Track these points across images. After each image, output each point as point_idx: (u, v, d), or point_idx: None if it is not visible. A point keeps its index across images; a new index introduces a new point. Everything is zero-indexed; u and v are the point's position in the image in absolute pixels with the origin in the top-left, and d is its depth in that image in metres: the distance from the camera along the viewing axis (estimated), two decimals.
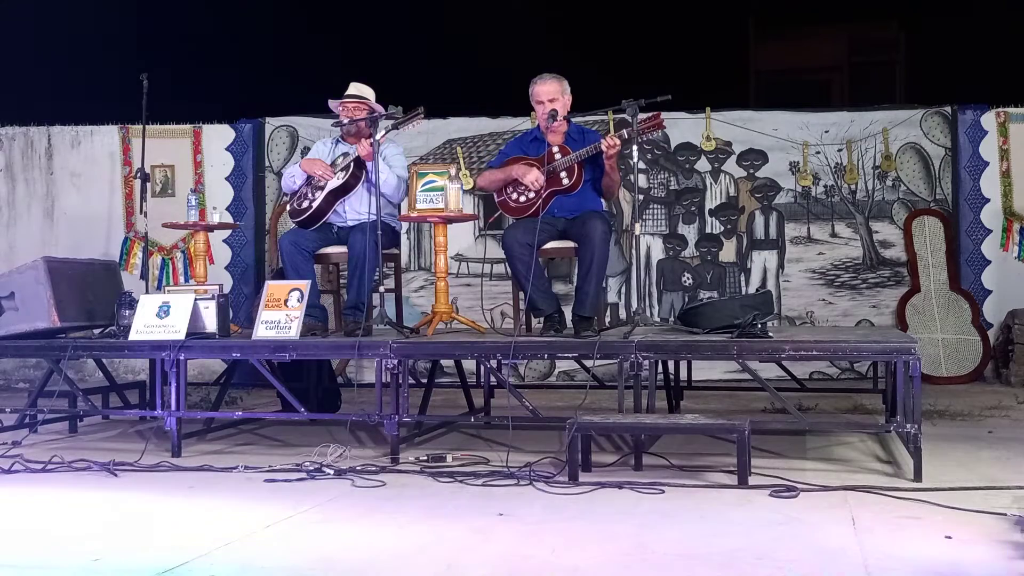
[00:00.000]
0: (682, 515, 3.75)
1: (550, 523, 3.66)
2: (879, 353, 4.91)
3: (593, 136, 5.75)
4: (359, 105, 5.93)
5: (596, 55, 14.95)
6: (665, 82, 6.25)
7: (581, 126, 5.90)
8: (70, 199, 8.88)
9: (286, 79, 12.24)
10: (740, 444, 4.19)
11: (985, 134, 8.15)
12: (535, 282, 5.35)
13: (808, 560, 3.14)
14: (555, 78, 5.64)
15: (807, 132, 8.34)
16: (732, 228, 8.40)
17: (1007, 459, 4.75)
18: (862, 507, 3.80)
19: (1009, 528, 3.44)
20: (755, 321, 4.82)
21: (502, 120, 8.54)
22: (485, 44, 14.80)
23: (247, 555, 3.31)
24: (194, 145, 8.78)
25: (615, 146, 5.36)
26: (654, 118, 5.49)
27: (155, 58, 9.42)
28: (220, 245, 8.53)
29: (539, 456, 4.77)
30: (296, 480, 4.46)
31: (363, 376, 7.63)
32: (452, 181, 5.64)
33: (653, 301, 8.45)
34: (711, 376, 7.56)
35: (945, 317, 8.01)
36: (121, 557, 3.30)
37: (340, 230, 5.94)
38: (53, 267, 5.63)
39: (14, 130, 8.97)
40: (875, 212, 8.28)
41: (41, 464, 4.76)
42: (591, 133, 5.83)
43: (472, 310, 7.39)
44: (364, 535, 3.55)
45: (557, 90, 5.60)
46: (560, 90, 5.61)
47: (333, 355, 6.37)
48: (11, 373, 8.68)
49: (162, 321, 5.28)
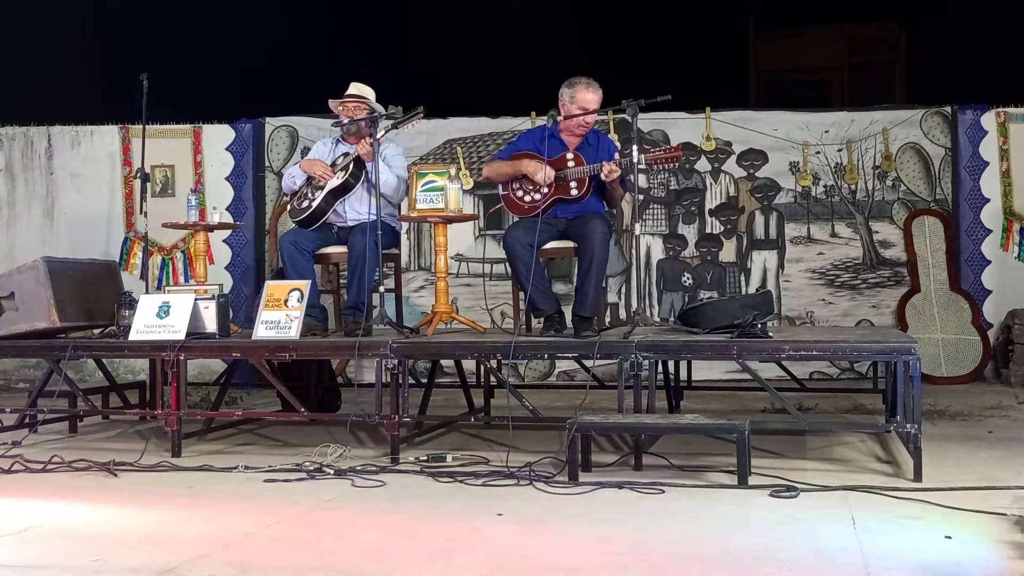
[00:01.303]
0: (682, 515, 3.75)
1: (550, 523, 3.66)
2: (879, 353, 4.91)
3: (607, 144, 5.73)
4: (359, 105, 5.93)
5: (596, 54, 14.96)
6: (665, 82, 6.25)
7: (597, 131, 5.86)
8: (70, 199, 8.88)
9: (286, 79, 12.24)
10: (740, 444, 4.19)
11: (985, 134, 8.15)
12: (535, 282, 5.35)
13: (808, 560, 3.15)
14: (598, 87, 5.58)
15: (807, 132, 8.34)
16: (732, 228, 8.40)
17: (1007, 459, 4.75)
18: (862, 507, 3.80)
19: (1009, 528, 3.44)
20: (755, 321, 4.82)
21: (502, 120, 8.54)
22: (485, 44, 14.80)
23: (247, 555, 3.30)
24: (194, 145, 8.78)
25: (614, 172, 5.35)
26: (673, 150, 5.34)
27: (155, 58, 9.43)
28: (220, 245, 8.53)
29: (539, 456, 4.77)
30: (296, 480, 4.46)
31: (363, 376, 7.61)
32: (452, 181, 5.64)
33: (653, 301, 8.45)
34: (711, 376, 7.56)
35: (945, 317, 8.02)
36: (121, 557, 3.30)
37: (340, 230, 5.94)
38: (53, 267, 5.64)
39: (14, 130, 8.97)
40: (875, 212, 8.28)
41: (41, 464, 4.76)
42: (605, 140, 5.81)
43: (472, 310, 7.40)
44: (364, 535, 3.55)
45: (599, 101, 5.56)
46: (599, 101, 5.58)
47: (333, 355, 6.37)
48: (11, 373, 8.68)
49: (162, 321, 5.28)
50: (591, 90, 5.56)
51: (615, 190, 5.56)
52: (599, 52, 15.46)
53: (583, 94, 5.55)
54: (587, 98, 5.55)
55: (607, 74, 5.72)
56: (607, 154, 5.53)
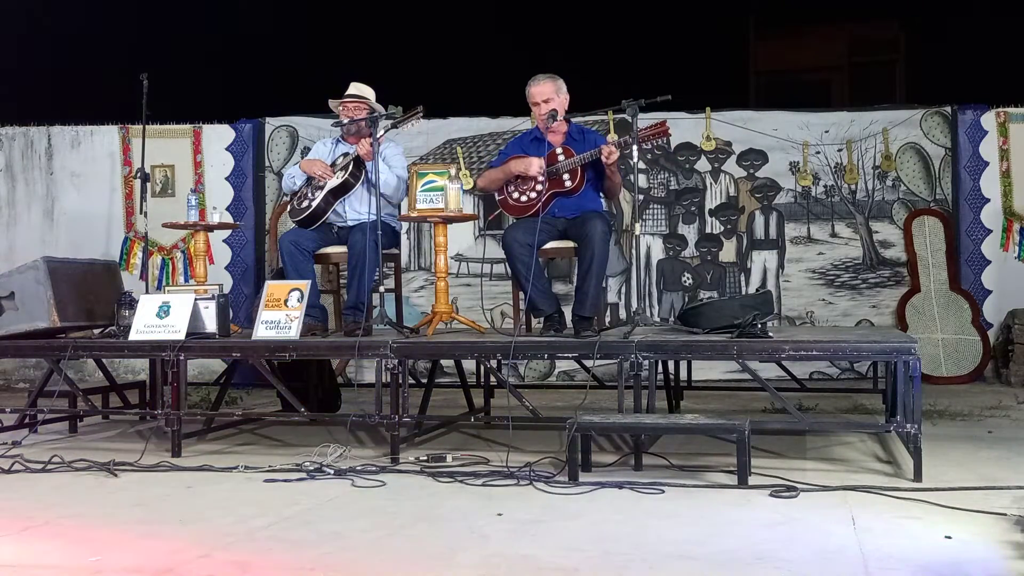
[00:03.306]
0: (682, 515, 3.75)
1: (550, 523, 3.66)
2: (879, 353, 4.91)
3: (593, 136, 5.74)
4: (359, 105, 5.93)
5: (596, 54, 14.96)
6: (665, 82, 6.26)
7: (581, 126, 5.90)
8: (70, 199, 8.88)
9: (286, 79, 12.25)
10: (740, 444, 4.19)
11: (985, 134, 8.15)
12: (535, 282, 5.35)
13: (808, 560, 3.14)
14: (549, 78, 5.62)
15: (807, 132, 8.34)
16: (732, 228, 8.40)
17: (1007, 459, 4.75)
18: (862, 507, 3.80)
19: (1009, 528, 3.44)
20: (755, 321, 4.82)
21: (502, 120, 8.55)
22: (485, 44, 14.80)
23: (247, 555, 3.30)
24: (194, 145, 8.78)
25: (614, 153, 5.36)
26: (659, 126, 5.44)
27: (155, 58, 9.43)
28: (220, 245, 8.54)
29: (539, 456, 4.77)
30: (296, 480, 4.46)
31: (363, 376, 7.63)
32: (452, 181, 5.64)
33: (653, 301, 8.45)
34: (711, 376, 7.57)
35: (945, 317, 8.02)
36: (121, 557, 3.30)
37: (340, 230, 5.94)
38: (53, 267, 5.64)
39: (14, 130, 8.98)
40: (875, 212, 8.28)
41: (41, 464, 4.76)
42: (591, 133, 5.83)
43: (472, 310, 7.40)
44: (364, 535, 3.55)
45: (551, 90, 5.58)
46: (554, 90, 5.59)
47: (333, 355, 6.37)
48: (11, 373, 8.69)
49: (162, 321, 5.28)
50: (534, 83, 5.62)
51: (614, 175, 5.56)
52: (599, 52, 15.48)
53: (530, 90, 5.63)
54: (534, 92, 5.61)
55: (607, 74, 5.72)
56: (594, 144, 5.54)
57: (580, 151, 5.53)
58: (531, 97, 5.63)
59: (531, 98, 5.63)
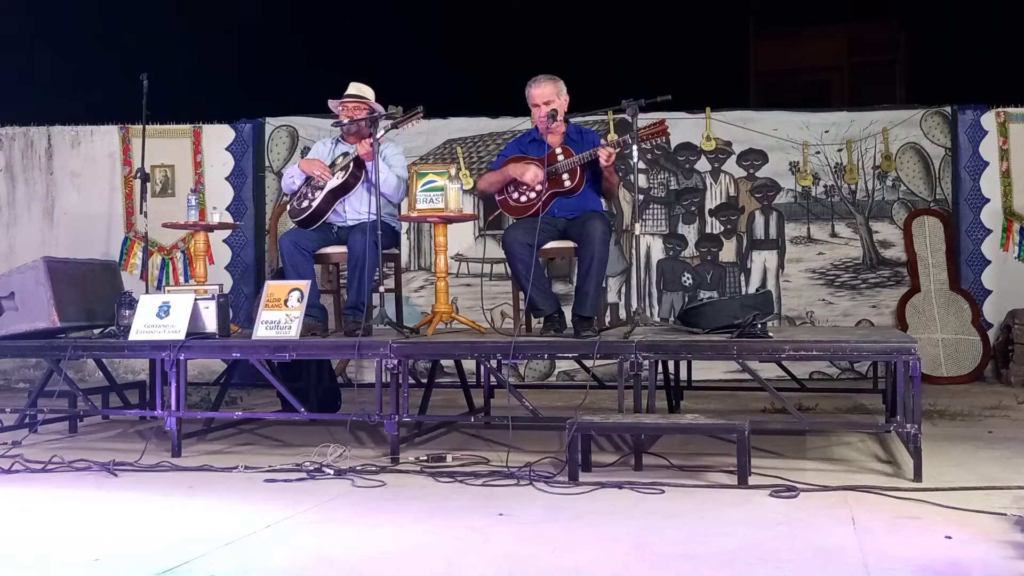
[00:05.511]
0: (682, 515, 3.75)
1: (550, 523, 3.66)
2: (879, 353, 4.91)
3: (591, 136, 5.74)
4: (359, 105, 5.93)
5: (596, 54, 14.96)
6: (665, 82, 6.25)
7: (579, 126, 5.90)
8: (70, 199, 8.88)
9: (286, 79, 12.24)
10: (740, 444, 4.19)
11: (985, 134, 8.15)
12: (535, 282, 5.35)
13: (808, 560, 3.14)
14: (550, 79, 5.63)
15: (807, 132, 8.34)
16: (732, 228, 8.40)
17: (1007, 459, 4.75)
18: (862, 507, 3.80)
19: (1009, 528, 3.44)
20: (755, 321, 4.82)
21: (502, 120, 8.54)
22: (485, 44, 14.80)
23: (247, 555, 3.31)
24: (194, 145, 8.78)
25: (612, 156, 5.36)
26: (658, 124, 5.46)
27: (155, 58, 9.42)
28: (220, 245, 8.53)
29: (539, 456, 4.77)
30: (296, 480, 4.46)
31: (363, 376, 7.63)
32: (452, 181, 5.64)
33: (653, 301, 8.45)
34: (711, 376, 7.56)
35: (945, 317, 8.01)
36: (121, 557, 3.30)
37: (340, 230, 5.94)
38: (53, 267, 5.63)
39: (14, 130, 8.97)
40: (875, 212, 8.28)
41: (41, 464, 4.76)
42: (589, 133, 5.83)
43: (472, 310, 7.39)
44: (364, 535, 3.55)
45: (552, 91, 5.59)
46: (555, 91, 5.60)
47: (333, 355, 6.37)
48: (11, 373, 8.69)
49: (162, 321, 5.28)
50: (534, 85, 5.63)
51: (611, 177, 5.57)
52: (599, 52, 15.48)
53: (531, 91, 5.64)
54: (534, 93, 5.62)
55: (607, 74, 5.73)
56: (592, 144, 5.54)
57: (579, 151, 5.53)
58: (531, 98, 5.63)
59: (531, 99, 5.63)
